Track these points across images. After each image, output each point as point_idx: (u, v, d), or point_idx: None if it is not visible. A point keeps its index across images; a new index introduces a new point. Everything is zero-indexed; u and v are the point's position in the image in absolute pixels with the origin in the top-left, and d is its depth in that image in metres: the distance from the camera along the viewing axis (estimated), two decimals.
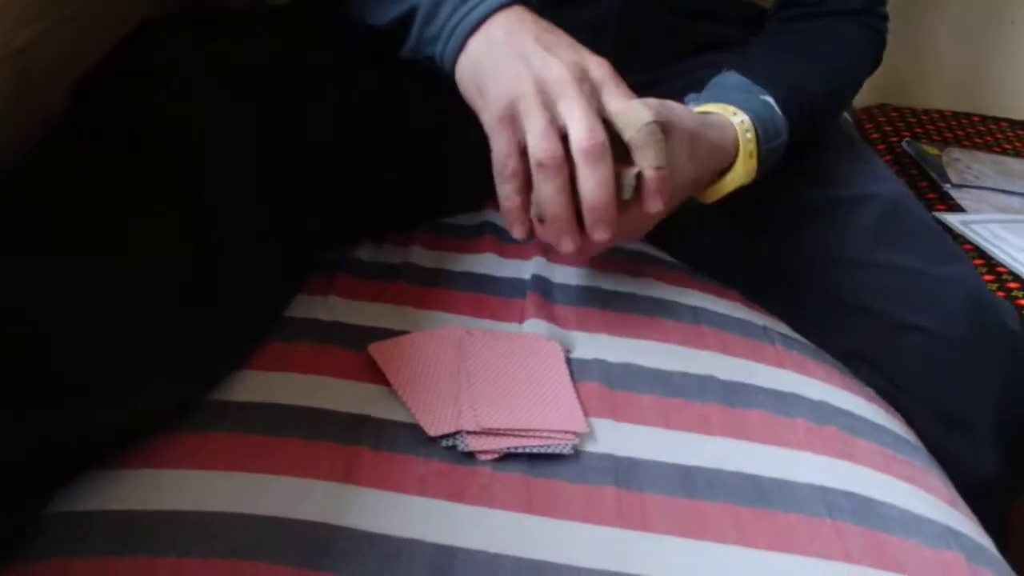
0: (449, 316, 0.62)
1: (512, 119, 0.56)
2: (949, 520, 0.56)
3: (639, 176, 0.57)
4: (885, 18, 0.82)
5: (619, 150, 0.57)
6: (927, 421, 0.68)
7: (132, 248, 0.48)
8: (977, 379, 0.67)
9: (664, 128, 0.58)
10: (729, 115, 0.66)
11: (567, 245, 0.58)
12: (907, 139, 1.25)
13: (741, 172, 0.66)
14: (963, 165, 1.22)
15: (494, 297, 0.65)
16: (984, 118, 1.36)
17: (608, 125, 0.56)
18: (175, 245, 0.50)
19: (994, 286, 0.96)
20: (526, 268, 0.69)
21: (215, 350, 0.52)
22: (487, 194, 0.76)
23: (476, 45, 0.59)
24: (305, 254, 0.62)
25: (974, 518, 0.59)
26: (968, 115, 1.36)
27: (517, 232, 0.60)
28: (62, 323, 0.44)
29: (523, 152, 0.57)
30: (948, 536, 0.54)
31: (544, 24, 0.60)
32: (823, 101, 0.74)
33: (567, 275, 0.69)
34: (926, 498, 0.57)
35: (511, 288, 0.67)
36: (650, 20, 0.79)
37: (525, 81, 0.56)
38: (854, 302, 0.69)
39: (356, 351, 0.57)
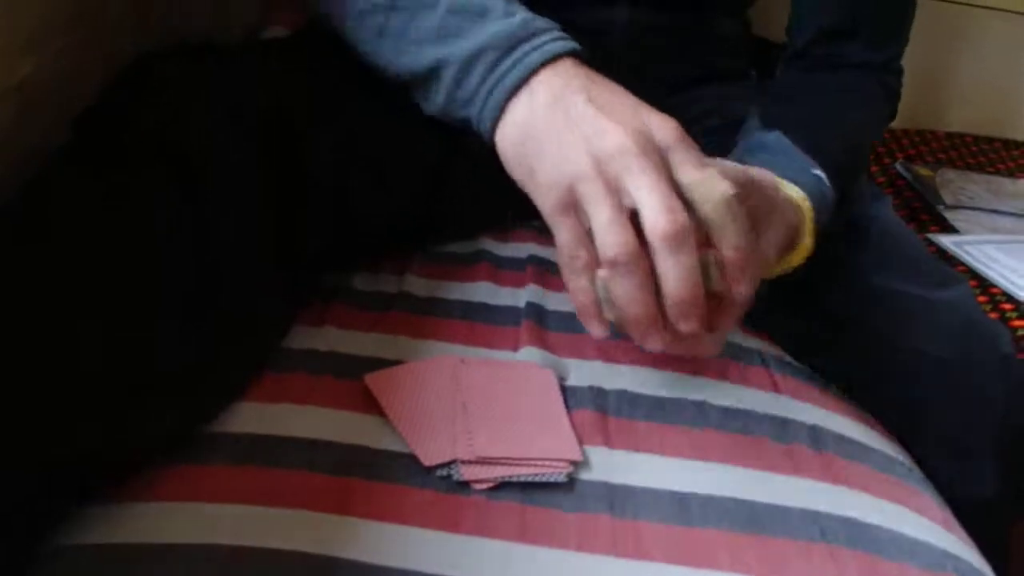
0: (444, 345, 0.63)
1: (573, 205, 0.49)
2: (945, 543, 0.56)
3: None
4: (901, 73, 0.80)
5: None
6: (923, 444, 0.68)
7: (128, 277, 0.48)
8: (973, 402, 0.68)
9: (747, 192, 0.53)
10: (789, 192, 0.62)
11: (654, 343, 0.50)
12: (901, 160, 1.26)
13: (808, 245, 0.62)
14: (957, 186, 1.23)
15: (489, 325, 0.66)
16: (977, 138, 1.37)
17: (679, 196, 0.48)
18: (172, 273, 0.50)
19: (988, 307, 0.96)
20: (521, 296, 0.69)
21: (214, 381, 0.52)
22: (485, 222, 0.77)
23: (518, 111, 0.52)
24: (303, 282, 0.63)
25: (970, 541, 0.59)
26: (961, 136, 1.37)
27: (596, 331, 0.52)
28: (54, 354, 0.44)
29: (592, 237, 0.49)
30: (944, 559, 0.54)
31: (595, 77, 0.52)
32: (852, 168, 0.73)
33: (561, 302, 0.69)
34: (921, 521, 0.57)
35: (506, 316, 0.67)
36: (655, 50, 0.79)
37: (581, 159, 0.48)
38: (850, 326, 0.69)
39: (352, 380, 0.57)
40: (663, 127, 0.49)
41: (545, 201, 0.50)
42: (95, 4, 0.67)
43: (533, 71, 0.51)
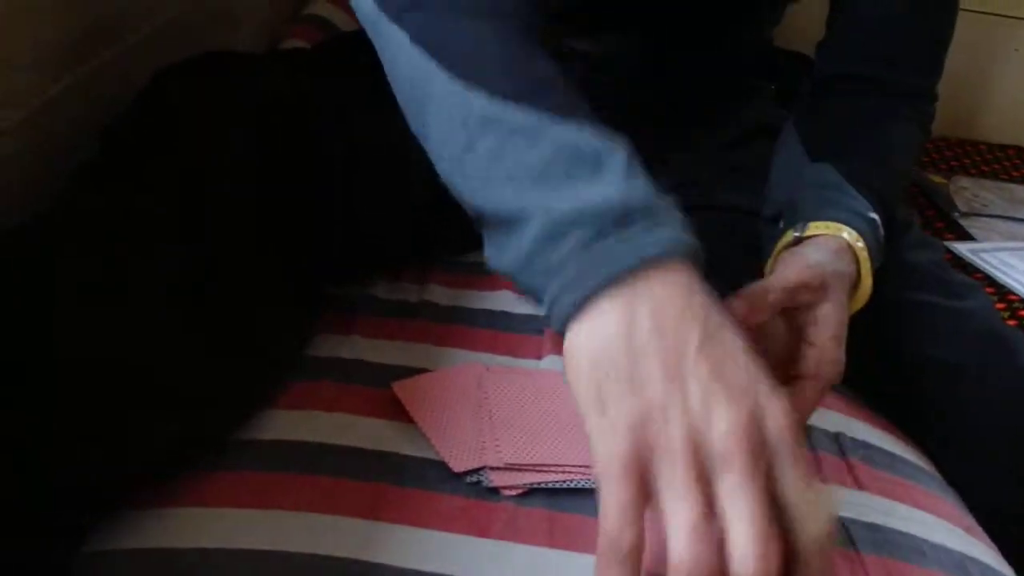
0: (468, 353, 0.63)
1: (642, 472, 0.36)
2: (967, 548, 0.56)
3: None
4: (936, 100, 0.78)
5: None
6: (943, 452, 0.68)
7: (149, 295, 0.49)
8: (993, 410, 0.68)
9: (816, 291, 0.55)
10: (845, 237, 0.61)
11: None
12: (914, 168, 1.27)
13: (867, 288, 0.62)
14: (970, 193, 1.23)
15: (512, 334, 0.66)
16: (991, 146, 1.37)
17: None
18: (187, 288, 0.51)
19: (1006, 314, 0.97)
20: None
21: (237, 390, 0.53)
22: None
23: (613, 318, 0.38)
24: (318, 292, 0.64)
25: (993, 546, 0.59)
26: (975, 143, 1.37)
27: None
28: (88, 365, 0.45)
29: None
30: (966, 563, 0.54)
31: (711, 308, 0.39)
32: (897, 202, 0.72)
33: None
34: (944, 526, 0.57)
35: (528, 324, 0.68)
36: (674, 73, 0.79)
37: (675, 425, 0.36)
38: (870, 334, 0.70)
39: (379, 388, 0.58)
40: (778, 417, 0.37)
41: (607, 447, 0.37)
42: (112, 25, 0.69)
43: (643, 263, 0.38)
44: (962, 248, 1.07)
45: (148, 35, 0.73)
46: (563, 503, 0.52)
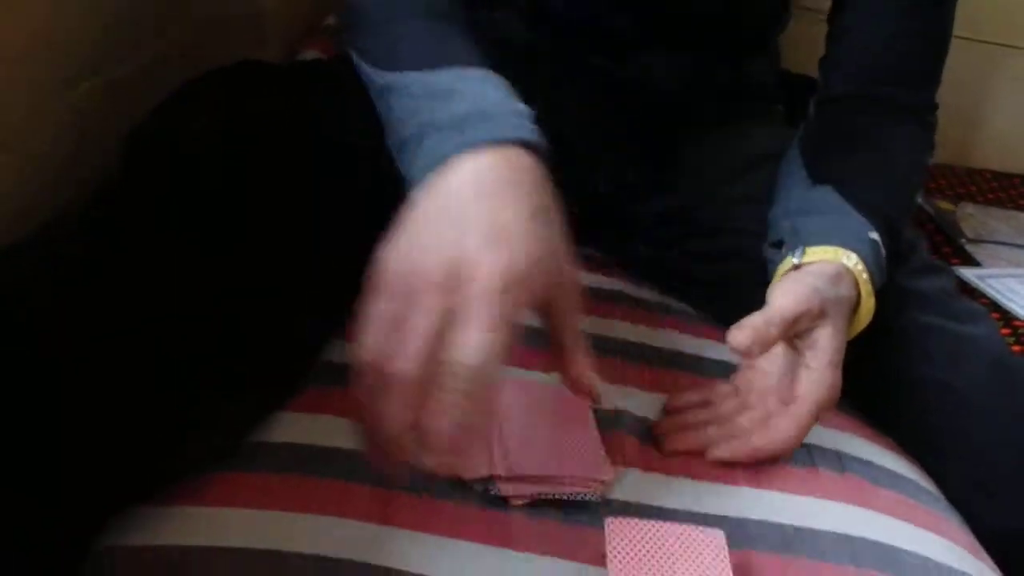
0: None
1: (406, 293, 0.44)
2: (971, 568, 0.56)
3: None
4: (937, 108, 0.78)
5: None
6: (948, 476, 0.68)
7: (169, 305, 0.50)
8: (998, 436, 0.68)
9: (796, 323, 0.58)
10: (844, 262, 0.63)
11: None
12: (921, 194, 1.27)
13: (870, 309, 0.64)
14: (977, 220, 1.24)
15: (521, 347, 0.67)
16: (996, 174, 1.38)
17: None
18: (208, 300, 0.52)
19: (1011, 340, 0.97)
20: None
21: (255, 396, 0.54)
22: None
23: (443, 179, 0.48)
24: (336, 301, 0.64)
25: (996, 568, 0.60)
26: (981, 171, 1.38)
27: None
28: (109, 374, 0.46)
29: None
30: None
31: (526, 184, 0.48)
32: (902, 220, 0.73)
33: (593, 326, 0.70)
34: (948, 546, 0.58)
35: (536, 337, 0.68)
36: (679, 94, 0.80)
37: (438, 258, 0.44)
38: (876, 359, 0.70)
39: None
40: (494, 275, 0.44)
41: (384, 265, 0.46)
42: (149, 32, 0.70)
43: (473, 146, 0.49)
44: (968, 274, 1.08)
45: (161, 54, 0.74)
46: (570, 514, 0.52)
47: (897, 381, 0.69)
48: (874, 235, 0.66)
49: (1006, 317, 0.99)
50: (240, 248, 0.54)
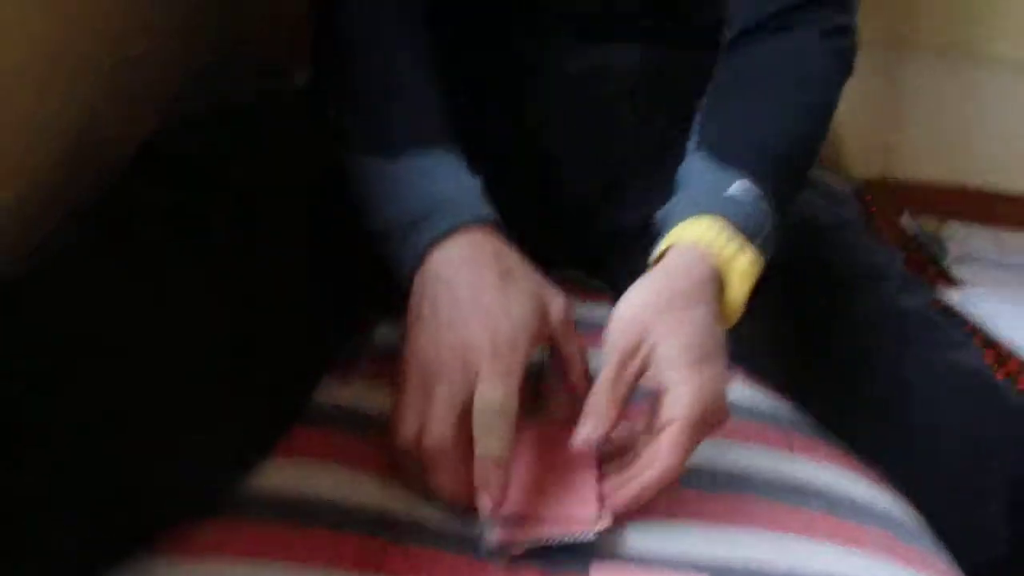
0: None
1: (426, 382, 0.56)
2: None
3: None
4: (854, 32, 0.74)
5: None
6: (934, 504, 0.68)
7: (166, 342, 0.50)
8: (983, 462, 0.68)
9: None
10: (693, 236, 0.61)
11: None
12: (907, 213, 1.28)
13: (738, 289, 0.61)
14: (962, 238, 1.25)
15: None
16: (982, 192, 1.38)
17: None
18: (207, 337, 0.52)
19: (993, 362, 0.98)
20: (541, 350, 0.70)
21: (246, 439, 0.54)
22: None
23: (418, 282, 0.59)
24: (326, 340, 0.64)
25: None
26: (965, 190, 1.38)
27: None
28: (97, 418, 0.46)
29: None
30: None
31: (495, 255, 0.59)
32: (800, 152, 0.70)
33: (593, 358, 0.70)
34: None
35: (530, 370, 0.68)
36: (657, 88, 0.79)
37: (447, 346, 0.56)
38: (859, 389, 0.70)
39: (381, 437, 0.58)
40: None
41: (404, 366, 0.57)
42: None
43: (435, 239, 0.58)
44: (952, 294, 1.08)
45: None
46: (560, 561, 0.52)
47: (878, 406, 0.69)
48: (738, 186, 0.63)
49: (988, 339, 1.00)
50: (236, 290, 0.55)
